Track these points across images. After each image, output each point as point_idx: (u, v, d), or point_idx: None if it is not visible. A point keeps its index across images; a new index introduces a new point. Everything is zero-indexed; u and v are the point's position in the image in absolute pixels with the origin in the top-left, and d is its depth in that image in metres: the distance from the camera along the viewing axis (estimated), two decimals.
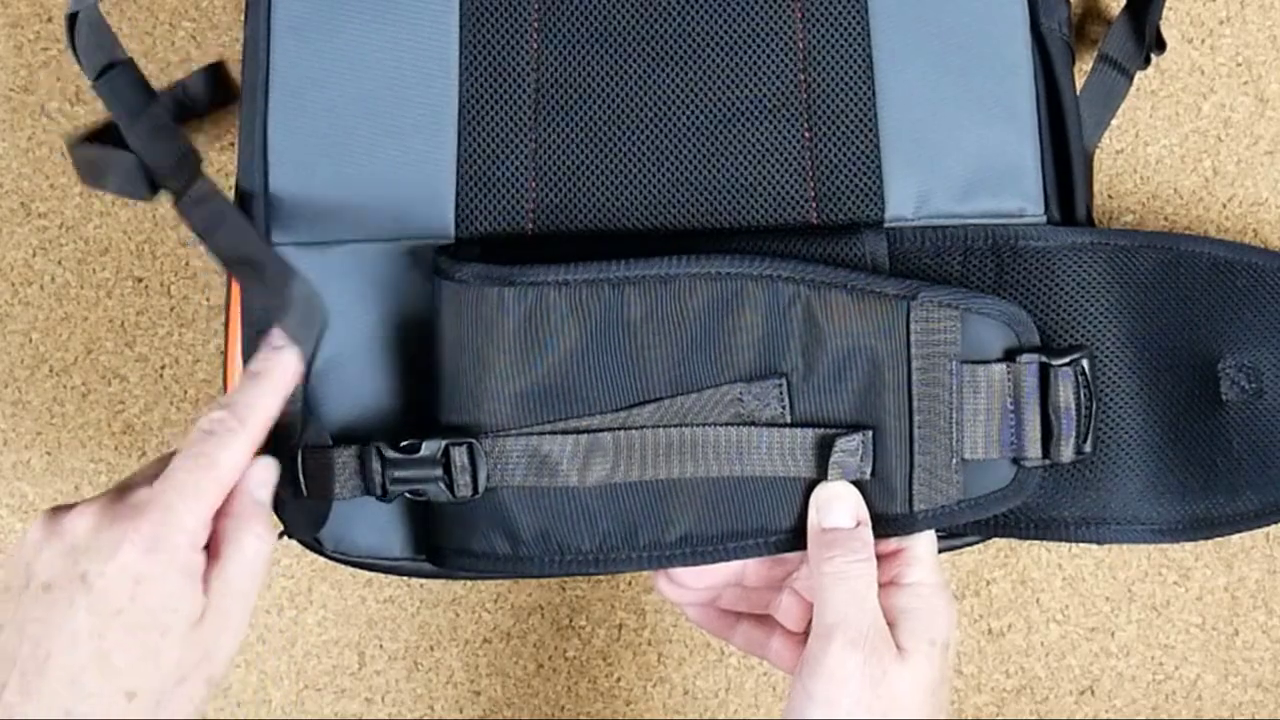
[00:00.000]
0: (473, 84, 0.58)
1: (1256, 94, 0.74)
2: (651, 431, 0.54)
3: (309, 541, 0.59)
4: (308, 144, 0.57)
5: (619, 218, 0.57)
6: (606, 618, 0.72)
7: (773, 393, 0.55)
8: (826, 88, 0.58)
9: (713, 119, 0.58)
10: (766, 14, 0.58)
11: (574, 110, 0.58)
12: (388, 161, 0.57)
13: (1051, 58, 0.60)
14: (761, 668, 0.72)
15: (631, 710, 0.72)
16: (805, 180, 0.58)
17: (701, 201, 0.58)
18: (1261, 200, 0.74)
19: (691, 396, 0.55)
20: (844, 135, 0.58)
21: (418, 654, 0.72)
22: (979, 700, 0.72)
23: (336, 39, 0.58)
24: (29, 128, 0.75)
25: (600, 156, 0.58)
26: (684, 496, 0.55)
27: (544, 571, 0.56)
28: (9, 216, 0.74)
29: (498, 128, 0.58)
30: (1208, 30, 0.74)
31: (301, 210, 0.57)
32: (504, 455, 0.54)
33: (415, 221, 0.57)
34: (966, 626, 0.72)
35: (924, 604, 0.54)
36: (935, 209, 0.58)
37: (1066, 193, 0.60)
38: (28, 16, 0.75)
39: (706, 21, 0.58)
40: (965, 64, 0.58)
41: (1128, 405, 0.59)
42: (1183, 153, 0.74)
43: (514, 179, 0.57)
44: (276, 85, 0.57)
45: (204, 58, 0.76)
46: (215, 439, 0.50)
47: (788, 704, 0.54)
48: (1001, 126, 0.58)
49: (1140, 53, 0.67)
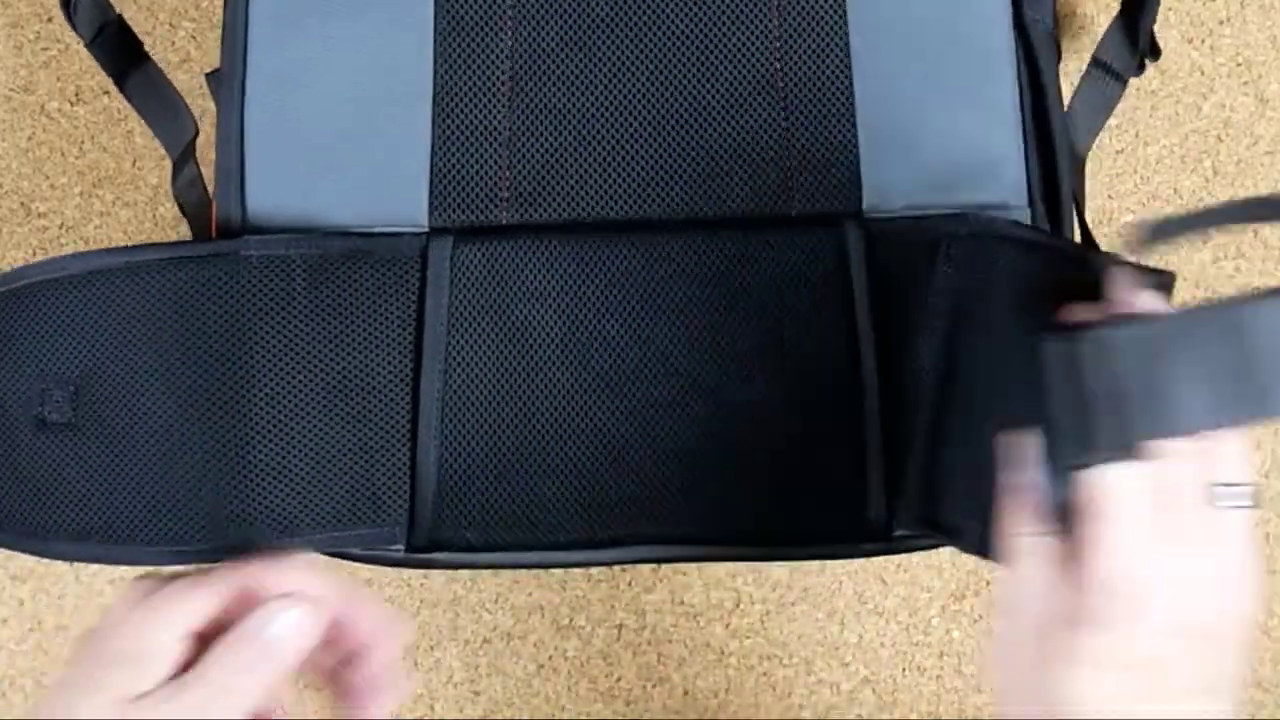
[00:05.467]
0: (447, 73, 0.58)
1: (1256, 94, 0.74)
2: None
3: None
4: (283, 131, 0.57)
5: (594, 208, 0.57)
6: (606, 618, 0.72)
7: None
8: (803, 78, 0.58)
9: (688, 109, 0.58)
10: (744, 5, 0.58)
11: (548, 100, 0.58)
12: (362, 150, 0.57)
13: (1035, 51, 0.59)
14: (761, 668, 0.72)
15: (631, 710, 0.72)
16: (782, 171, 0.57)
17: (677, 192, 0.57)
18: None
19: None
20: (821, 126, 0.57)
21: (418, 654, 0.72)
22: (979, 700, 0.72)
23: (313, 28, 0.58)
24: (29, 128, 0.75)
25: (575, 147, 0.57)
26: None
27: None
28: (9, 216, 0.75)
29: (472, 117, 0.57)
30: (1208, 30, 0.75)
31: (277, 197, 0.57)
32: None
33: (389, 210, 0.57)
34: (966, 626, 0.72)
35: None
36: (914, 200, 0.57)
37: (1052, 187, 0.59)
38: (28, 16, 0.76)
39: (682, 11, 0.58)
40: (945, 55, 0.58)
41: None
42: (1183, 152, 0.74)
43: (488, 169, 0.57)
44: (254, 72, 0.58)
45: (204, 58, 0.76)
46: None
47: None
48: (982, 119, 0.58)
49: (1134, 58, 0.66)
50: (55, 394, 0.55)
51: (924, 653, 0.72)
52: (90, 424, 0.55)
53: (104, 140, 0.76)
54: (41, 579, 0.73)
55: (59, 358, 0.55)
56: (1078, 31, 0.76)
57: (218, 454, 0.55)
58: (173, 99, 0.63)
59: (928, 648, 0.72)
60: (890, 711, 0.72)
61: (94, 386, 0.55)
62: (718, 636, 0.72)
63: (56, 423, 0.55)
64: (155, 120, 0.63)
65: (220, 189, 0.57)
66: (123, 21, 0.62)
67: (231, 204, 0.57)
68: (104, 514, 0.55)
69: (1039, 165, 0.58)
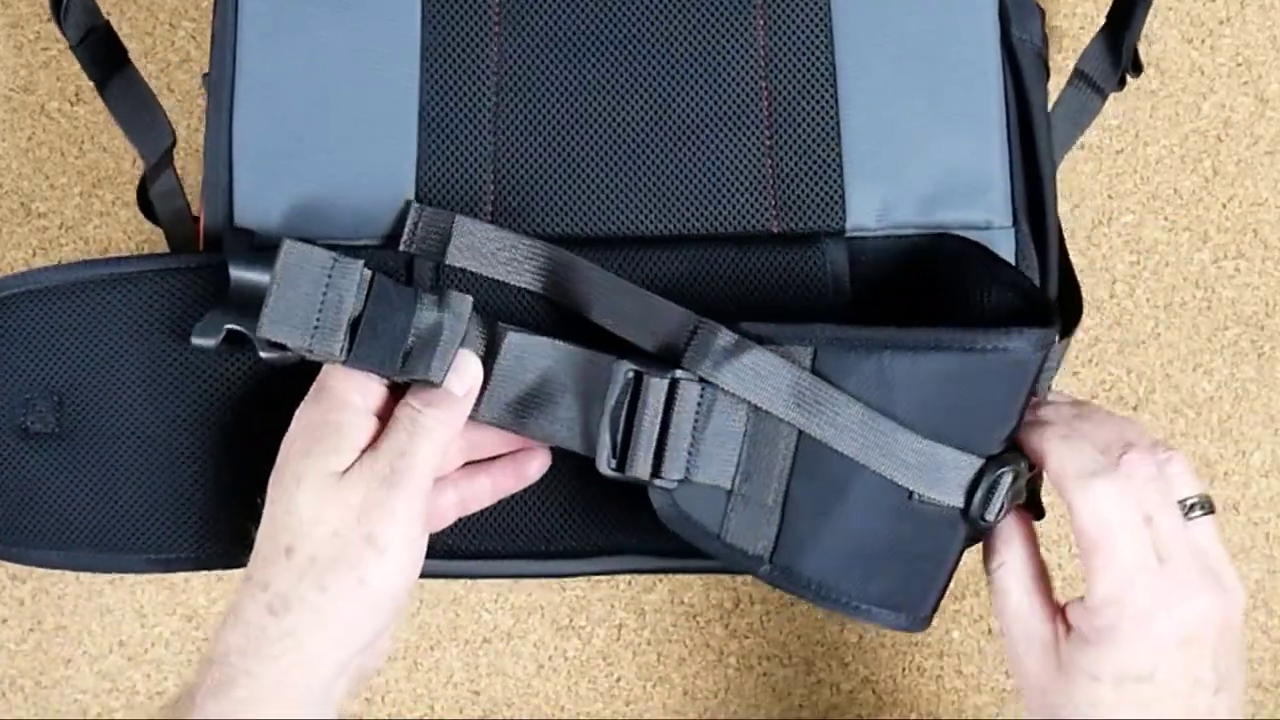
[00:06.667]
0: (433, 87, 0.58)
1: (1256, 94, 0.74)
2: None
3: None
4: (271, 142, 0.57)
5: (577, 223, 0.57)
6: (606, 617, 0.73)
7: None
8: (788, 96, 0.57)
9: (673, 125, 0.57)
10: (729, 21, 0.58)
11: (534, 115, 0.58)
12: (349, 162, 0.57)
13: (1022, 69, 0.58)
14: (761, 668, 0.72)
15: (631, 710, 0.72)
16: (766, 189, 0.57)
17: (660, 208, 0.57)
18: (1261, 200, 0.74)
19: None
20: (805, 144, 0.57)
21: (418, 654, 0.73)
22: (979, 700, 0.72)
23: (301, 39, 0.58)
24: (29, 128, 0.75)
25: (559, 161, 0.57)
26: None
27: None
28: (9, 216, 0.75)
29: (457, 131, 0.57)
30: (1208, 30, 0.75)
31: (262, 208, 0.57)
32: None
33: (375, 222, 0.57)
34: (966, 626, 0.72)
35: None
36: (898, 219, 0.57)
37: (1037, 206, 0.58)
38: (28, 17, 0.76)
39: (668, 28, 0.58)
40: (932, 74, 0.57)
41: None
42: (1183, 153, 0.74)
43: (472, 182, 0.57)
44: (242, 83, 0.58)
45: (203, 58, 0.76)
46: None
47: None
48: (968, 137, 0.57)
49: (1116, 73, 0.66)
50: (39, 404, 0.55)
51: (923, 653, 0.72)
52: (75, 433, 0.55)
53: (104, 140, 0.76)
54: (41, 579, 0.73)
55: (43, 367, 0.55)
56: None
57: (205, 463, 0.55)
58: (152, 107, 0.63)
59: (927, 648, 0.72)
60: (890, 712, 0.72)
61: (78, 396, 0.55)
62: (717, 636, 0.72)
63: (40, 432, 0.55)
64: (131, 127, 0.63)
65: (207, 201, 0.57)
66: (109, 27, 0.62)
67: (218, 216, 0.57)
68: (89, 523, 0.56)
69: (1024, 184, 0.58)
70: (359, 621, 0.49)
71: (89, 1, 0.60)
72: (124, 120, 0.62)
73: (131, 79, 0.62)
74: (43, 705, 0.72)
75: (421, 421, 0.50)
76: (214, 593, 0.72)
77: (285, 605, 0.48)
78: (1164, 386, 0.73)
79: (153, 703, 0.72)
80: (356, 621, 0.49)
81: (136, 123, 0.62)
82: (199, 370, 0.55)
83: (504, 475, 0.55)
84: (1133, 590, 0.49)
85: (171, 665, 0.72)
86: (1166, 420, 0.73)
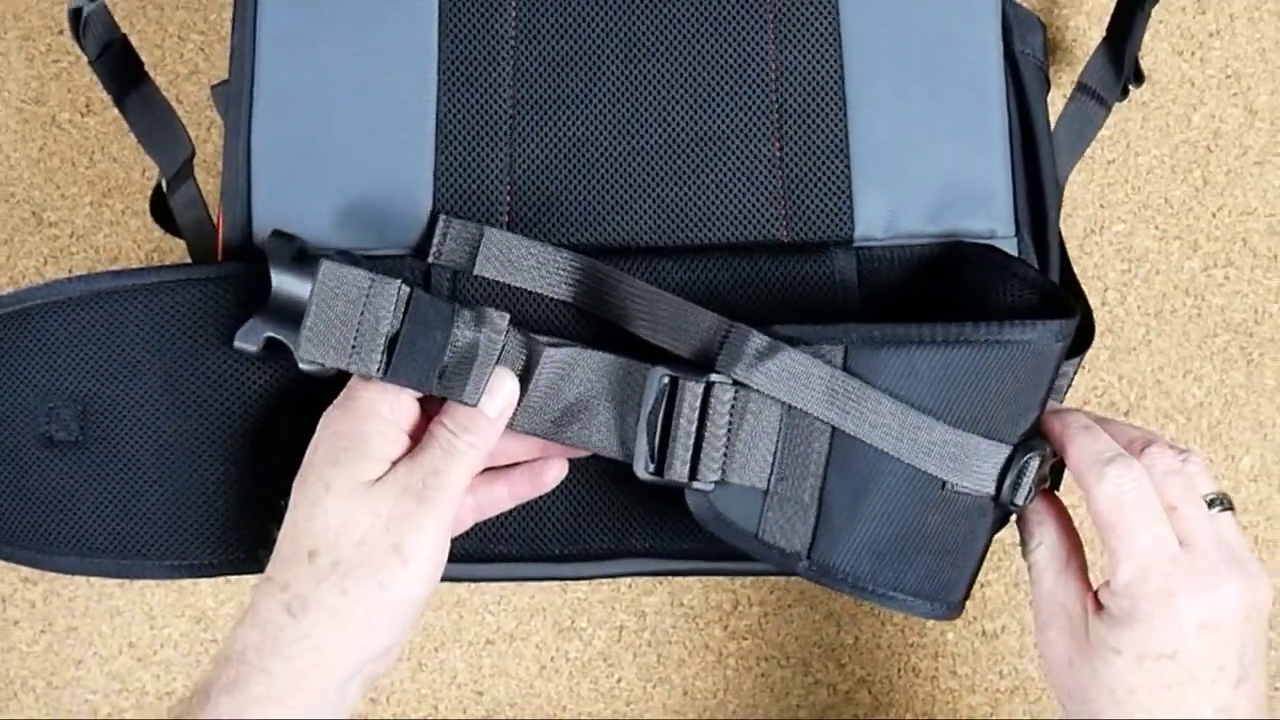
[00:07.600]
0: (450, 99, 0.58)
1: (1245, 105, 0.75)
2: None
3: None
4: (289, 154, 0.58)
5: (590, 233, 0.57)
6: (607, 619, 0.73)
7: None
8: (798, 108, 0.58)
9: (685, 137, 0.58)
10: (741, 35, 0.58)
11: (548, 127, 0.58)
12: (366, 173, 0.57)
13: (1024, 82, 0.59)
14: (759, 668, 0.73)
15: (632, 710, 0.73)
16: (775, 199, 0.57)
17: (672, 219, 0.57)
18: (1250, 209, 0.75)
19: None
20: (815, 155, 0.58)
21: (422, 655, 0.73)
22: (973, 700, 0.72)
23: (320, 53, 0.58)
24: (40, 138, 0.76)
25: (573, 173, 0.58)
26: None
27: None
28: (21, 226, 0.75)
29: (474, 143, 0.58)
30: (1198, 43, 0.75)
31: (281, 220, 0.57)
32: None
33: (392, 233, 0.57)
34: (961, 629, 0.73)
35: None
36: (905, 229, 0.57)
37: (1039, 216, 0.59)
38: (39, 29, 0.76)
39: (681, 42, 0.59)
40: (937, 86, 0.58)
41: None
42: (1173, 163, 0.75)
43: (489, 193, 0.58)
44: (260, 95, 0.58)
45: (212, 70, 0.76)
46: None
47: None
48: (972, 148, 0.58)
49: (1118, 83, 0.66)
50: (62, 413, 0.56)
51: (919, 654, 0.72)
52: (98, 442, 0.56)
53: (114, 150, 0.76)
54: (53, 581, 0.73)
55: (66, 377, 0.56)
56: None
57: (226, 471, 0.56)
58: (169, 120, 0.63)
59: (923, 649, 0.72)
60: (885, 712, 0.72)
61: (101, 405, 0.56)
62: (716, 638, 0.73)
63: (64, 441, 0.56)
64: (150, 140, 0.63)
65: (227, 211, 0.58)
66: (126, 41, 0.62)
67: (237, 225, 0.57)
68: (112, 530, 0.56)
69: (1026, 195, 0.59)
70: (377, 626, 0.50)
71: (107, 16, 0.60)
72: (142, 133, 0.63)
73: (148, 92, 0.63)
74: (54, 706, 0.73)
75: (457, 445, 0.51)
76: (222, 595, 0.73)
77: (304, 607, 0.49)
78: (1155, 392, 0.74)
79: (162, 703, 0.72)
80: (375, 626, 0.50)
81: (155, 135, 0.63)
82: (221, 379, 0.56)
83: (521, 483, 0.55)
84: (1151, 573, 0.50)
85: (181, 666, 0.73)
86: (1157, 426, 0.73)
